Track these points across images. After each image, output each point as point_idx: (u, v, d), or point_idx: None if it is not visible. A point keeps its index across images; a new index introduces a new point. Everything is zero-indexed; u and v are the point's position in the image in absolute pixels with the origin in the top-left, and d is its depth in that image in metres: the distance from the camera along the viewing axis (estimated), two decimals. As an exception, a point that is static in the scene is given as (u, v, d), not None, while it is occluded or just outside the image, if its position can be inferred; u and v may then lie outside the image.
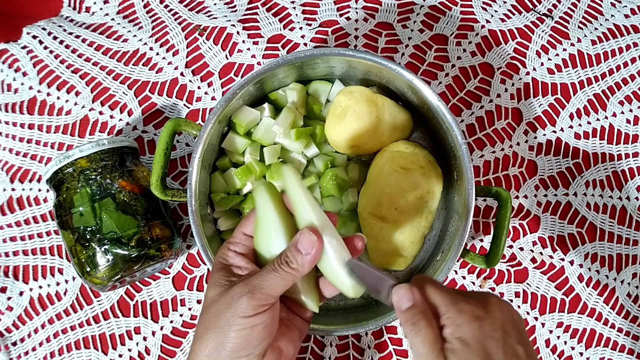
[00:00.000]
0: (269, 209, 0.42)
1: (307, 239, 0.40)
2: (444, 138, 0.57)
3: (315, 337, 0.64)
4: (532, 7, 0.69)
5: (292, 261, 0.40)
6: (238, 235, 0.45)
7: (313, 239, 0.40)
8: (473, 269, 0.65)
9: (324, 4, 0.69)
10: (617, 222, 0.66)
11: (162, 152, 0.53)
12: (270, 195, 0.42)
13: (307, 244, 0.40)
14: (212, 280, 0.42)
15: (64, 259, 0.64)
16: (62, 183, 0.55)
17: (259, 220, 0.43)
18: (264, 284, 0.40)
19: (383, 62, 0.53)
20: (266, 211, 0.42)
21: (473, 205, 0.52)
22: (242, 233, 0.45)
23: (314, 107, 0.61)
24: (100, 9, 0.69)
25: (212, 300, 0.41)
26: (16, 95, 0.66)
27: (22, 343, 0.63)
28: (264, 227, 0.42)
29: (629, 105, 0.67)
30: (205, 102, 0.67)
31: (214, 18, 0.68)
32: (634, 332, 0.65)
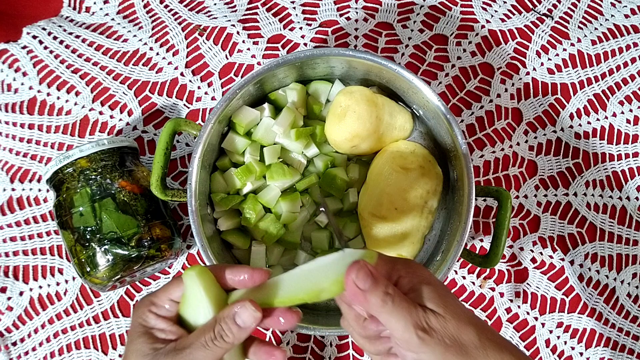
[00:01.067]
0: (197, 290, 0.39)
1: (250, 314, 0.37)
2: (444, 138, 0.57)
3: (315, 337, 0.64)
4: (532, 7, 0.69)
5: (227, 335, 0.37)
6: (164, 299, 0.40)
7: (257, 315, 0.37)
8: (473, 269, 0.65)
9: (324, 4, 0.69)
10: (617, 222, 0.66)
11: (162, 152, 0.53)
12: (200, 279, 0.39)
13: (249, 319, 0.37)
14: (134, 348, 0.38)
15: (64, 259, 0.64)
16: (62, 183, 0.55)
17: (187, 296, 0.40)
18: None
19: (383, 62, 0.53)
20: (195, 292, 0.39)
21: (473, 205, 0.52)
22: (168, 299, 0.40)
23: (314, 107, 0.61)
24: (100, 9, 0.69)
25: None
26: (16, 95, 0.66)
27: (22, 343, 0.63)
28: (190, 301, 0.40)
29: (629, 105, 0.67)
30: (205, 102, 0.67)
31: (214, 18, 0.68)
32: (634, 332, 0.65)
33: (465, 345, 0.36)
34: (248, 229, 0.60)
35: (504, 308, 0.65)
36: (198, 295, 0.39)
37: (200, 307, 0.39)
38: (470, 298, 0.65)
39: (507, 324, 0.65)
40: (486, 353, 0.36)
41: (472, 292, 0.65)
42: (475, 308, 0.65)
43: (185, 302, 0.40)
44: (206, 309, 0.39)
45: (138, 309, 0.40)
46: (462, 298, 0.65)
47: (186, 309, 0.40)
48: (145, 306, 0.40)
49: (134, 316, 0.40)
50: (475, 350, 0.36)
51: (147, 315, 0.40)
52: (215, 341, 0.37)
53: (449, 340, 0.35)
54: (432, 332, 0.35)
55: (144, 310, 0.40)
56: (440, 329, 0.35)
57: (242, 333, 0.38)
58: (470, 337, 0.36)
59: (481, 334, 0.37)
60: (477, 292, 0.65)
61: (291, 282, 0.39)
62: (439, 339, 0.35)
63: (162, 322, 0.40)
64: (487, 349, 0.36)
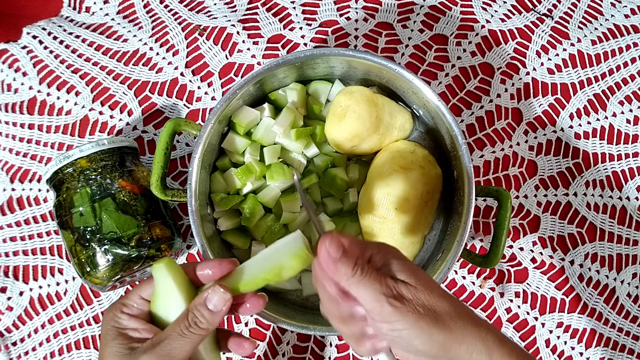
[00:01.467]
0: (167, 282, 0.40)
1: (220, 296, 0.39)
2: (444, 138, 0.57)
3: (315, 337, 0.64)
4: (532, 7, 0.69)
5: (201, 321, 0.38)
6: (134, 299, 0.41)
7: (226, 297, 0.39)
8: (473, 269, 0.65)
9: (324, 4, 0.69)
10: (617, 222, 0.66)
11: (162, 152, 0.53)
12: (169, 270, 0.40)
13: (219, 302, 0.38)
14: (110, 351, 0.39)
15: (64, 259, 0.64)
16: (62, 183, 0.55)
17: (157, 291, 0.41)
18: (174, 351, 0.38)
19: (383, 62, 0.53)
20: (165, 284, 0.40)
21: (473, 205, 0.52)
22: (139, 297, 0.41)
23: (314, 107, 0.61)
24: (100, 9, 0.69)
25: None
26: (16, 95, 0.66)
27: (22, 343, 0.63)
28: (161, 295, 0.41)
29: (629, 105, 0.67)
30: (205, 102, 0.67)
31: (214, 18, 0.68)
32: (634, 332, 0.65)
33: (440, 315, 0.36)
34: (248, 229, 0.60)
35: (504, 308, 0.65)
36: (168, 287, 0.40)
37: (172, 299, 0.40)
38: (470, 298, 0.65)
39: (507, 324, 0.65)
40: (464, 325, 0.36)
41: (472, 292, 0.65)
42: (475, 308, 0.65)
43: (156, 297, 0.41)
44: (178, 301, 0.40)
45: (109, 312, 0.41)
46: (462, 298, 0.65)
47: (158, 304, 0.41)
48: (116, 309, 0.41)
49: (105, 320, 0.41)
50: (452, 321, 0.36)
51: (119, 317, 0.40)
52: (191, 328, 0.38)
53: (422, 308, 0.36)
54: (403, 300, 0.36)
55: (115, 312, 0.41)
56: (412, 297, 0.36)
57: (215, 317, 0.39)
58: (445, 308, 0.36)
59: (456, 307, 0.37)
60: (477, 292, 0.65)
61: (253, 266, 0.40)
62: (412, 307, 0.35)
63: (135, 322, 0.40)
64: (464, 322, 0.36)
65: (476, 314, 0.38)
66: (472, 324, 0.37)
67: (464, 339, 0.36)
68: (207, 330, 0.39)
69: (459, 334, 0.36)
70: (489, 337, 0.36)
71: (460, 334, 0.36)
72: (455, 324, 0.36)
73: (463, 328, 0.36)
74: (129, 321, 0.40)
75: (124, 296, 0.42)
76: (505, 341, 0.37)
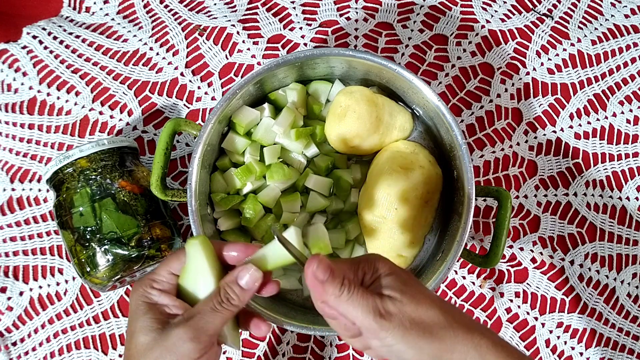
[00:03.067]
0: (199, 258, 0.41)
1: (253, 274, 0.40)
2: (444, 138, 0.57)
3: (315, 337, 0.64)
4: (532, 7, 0.69)
5: (233, 297, 0.40)
6: (163, 274, 0.42)
7: (258, 275, 0.40)
8: (473, 269, 0.65)
9: (324, 4, 0.69)
10: (617, 222, 0.66)
11: (162, 152, 0.53)
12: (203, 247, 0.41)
13: (251, 279, 0.40)
14: (141, 325, 0.39)
15: (64, 259, 0.64)
16: (62, 183, 0.55)
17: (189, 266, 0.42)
18: (207, 325, 0.39)
19: (383, 62, 0.53)
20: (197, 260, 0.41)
21: (473, 205, 0.52)
22: (168, 272, 0.42)
23: (314, 107, 0.61)
24: (100, 9, 0.69)
25: (147, 347, 0.38)
26: (16, 95, 0.66)
27: (22, 343, 0.63)
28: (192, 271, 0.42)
29: (629, 105, 0.67)
30: (205, 102, 0.67)
31: (214, 18, 0.68)
32: (634, 332, 0.65)
33: (429, 326, 0.36)
34: (248, 229, 0.60)
35: (504, 308, 0.65)
36: (200, 264, 0.41)
37: (202, 275, 0.41)
38: (470, 298, 0.65)
39: (507, 324, 0.65)
40: (455, 333, 0.37)
41: (472, 292, 0.65)
42: (475, 308, 0.65)
43: (186, 272, 0.42)
44: (207, 278, 0.41)
45: (138, 287, 0.42)
46: (462, 298, 0.65)
47: (187, 279, 0.42)
48: (146, 284, 0.42)
49: (134, 295, 0.41)
50: (441, 331, 0.36)
51: (150, 292, 0.41)
52: (223, 304, 0.39)
53: (409, 322, 0.36)
54: (389, 316, 0.36)
55: (145, 288, 0.41)
56: (397, 312, 0.36)
57: (246, 295, 0.40)
58: (433, 318, 0.37)
59: (447, 315, 0.37)
60: (477, 292, 0.65)
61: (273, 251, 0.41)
62: (398, 322, 0.36)
63: (165, 297, 0.41)
64: (455, 330, 0.37)
65: (470, 320, 0.39)
66: (464, 331, 0.37)
67: (455, 347, 0.36)
68: (237, 307, 0.40)
69: (450, 343, 0.36)
70: (482, 343, 0.37)
71: (451, 342, 0.36)
72: (445, 333, 0.36)
73: (454, 337, 0.36)
74: (160, 296, 0.41)
75: (153, 271, 0.43)
76: (501, 345, 0.37)
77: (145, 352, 0.38)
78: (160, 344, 0.38)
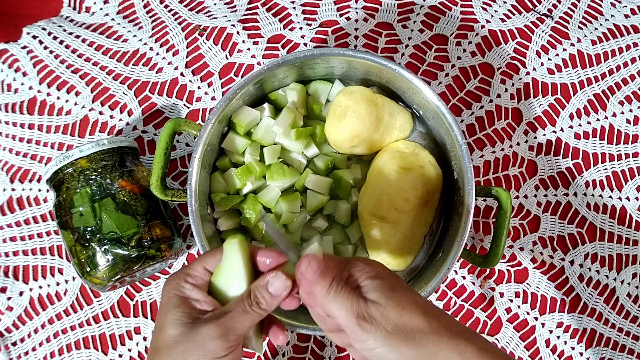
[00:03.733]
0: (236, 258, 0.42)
1: (282, 283, 0.40)
2: (444, 138, 0.57)
3: (315, 337, 0.64)
4: (532, 7, 0.69)
5: (261, 302, 0.40)
6: (198, 269, 0.43)
7: (287, 283, 0.40)
8: (473, 269, 0.65)
9: (324, 4, 0.69)
10: (617, 222, 0.66)
11: (162, 152, 0.53)
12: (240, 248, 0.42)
13: (280, 287, 0.40)
14: (171, 318, 0.40)
15: (64, 259, 0.64)
16: (62, 183, 0.55)
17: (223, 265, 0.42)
18: (237, 325, 0.39)
19: (383, 62, 0.53)
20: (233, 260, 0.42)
21: (473, 205, 0.52)
22: (203, 267, 0.43)
23: (314, 107, 0.61)
24: (100, 9, 0.69)
25: (175, 340, 0.39)
26: (16, 95, 0.66)
27: (22, 343, 0.63)
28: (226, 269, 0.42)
29: (629, 105, 0.67)
30: (205, 102, 0.67)
31: (214, 18, 0.68)
32: (634, 332, 0.65)
33: (411, 332, 0.37)
34: (248, 229, 0.60)
35: (504, 308, 0.65)
36: (235, 264, 0.42)
37: (235, 276, 0.42)
38: (470, 298, 0.65)
39: (507, 324, 0.65)
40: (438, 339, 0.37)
41: (472, 292, 0.65)
42: (475, 308, 0.65)
43: (220, 270, 0.42)
44: (240, 279, 0.41)
45: (172, 280, 0.42)
46: (462, 298, 0.65)
47: (220, 277, 0.42)
48: (180, 278, 0.42)
49: (167, 288, 0.42)
50: (424, 337, 0.37)
51: (183, 286, 0.42)
52: (253, 307, 0.40)
53: (391, 327, 0.37)
54: (372, 320, 0.37)
55: (179, 281, 0.42)
56: (379, 317, 0.37)
57: (274, 301, 0.41)
58: (417, 323, 0.37)
59: (431, 321, 0.37)
60: (477, 292, 0.65)
61: None
62: (380, 327, 0.37)
63: (198, 293, 0.41)
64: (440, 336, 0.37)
65: (458, 326, 0.39)
66: (449, 337, 0.37)
67: (438, 353, 0.36)
68: (265, 311, 0.41)
69: (432, 349, 0.36)
70: (467, 349, 0.37)
71: (434, 348, 0.36)
72: (428, 339, 0.36)
73: (437, 342, 0.36)
74: (192, 291, 0.41)
75: (188, 266, 0.43)
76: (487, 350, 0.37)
77: (173, 345, 0.39)
78: (189, 338, 0.39)
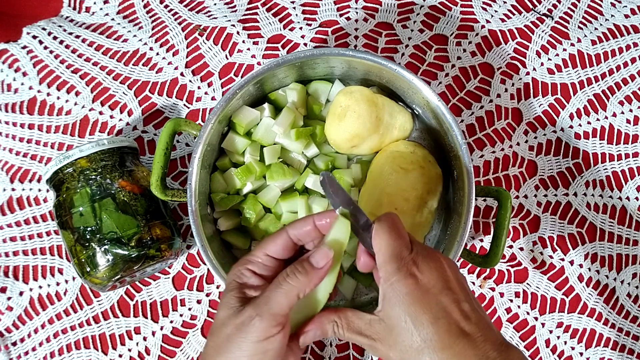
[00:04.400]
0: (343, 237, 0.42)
1: (324, 252, 0.41)
2: (444, 138, 0.57)
3: (315, 337, 0.64)
4: (532, 7, 0.69)
5: (300, 271, 0.40)
6: (259, 255, 0.43)
7: (330, 253, 0.40)
8: (473, 269, 0.65)
9: (324, 4, 0.69)
10: (617, 222, 0.66)
11: (162, 152, 0.53)
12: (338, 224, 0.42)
13: (321, 257, 0.40)
14: (224, 301, 0.41)
15: (64, 259, 0.64)
16: (62, 183, 0.55)
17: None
18: (271, 302, 0.39)
19: (383, 62, 0.53)
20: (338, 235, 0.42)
21: (473, 205, 0.52)
22: (264, 253, 0.42)
23: (314, 107, 0.61)
24: (100, 9, 0.69)
25: (222, 323, 0.40)
26: (16, 95, 0.66)
27: (22, 343, 0.63)
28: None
29: (629, 105, 0.67)
30: (205, 102, 0.67)
31: (214, 18, 0.68)
32: (634, 332, 0.65)
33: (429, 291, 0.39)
34: (248, 229, 0.60)
35: (504, 308, 0.65)
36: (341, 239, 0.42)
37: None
38: (470, 298, 0.65)
39: (507, 324, 0.65)
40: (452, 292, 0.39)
41: (472, 292, 0.65)
42: (475, 308, 0.65)
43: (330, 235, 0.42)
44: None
45: (235, 267, 0.43)
46: (462, 298, 0.65)
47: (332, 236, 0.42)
48: (241, 264, 0.43)
49: (230, 274, 0.43)
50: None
51: (242, 272, 0.42)
52: (288, 278, 0.40)
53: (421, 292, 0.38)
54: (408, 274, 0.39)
55: (240, 268, 0.42)
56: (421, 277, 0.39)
57: (314, 273, 0.40)
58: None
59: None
60: (477, 292, 0.65)
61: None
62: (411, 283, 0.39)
63: (255, 279, 0.42)
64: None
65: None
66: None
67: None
68: (303, 285, 0.40)
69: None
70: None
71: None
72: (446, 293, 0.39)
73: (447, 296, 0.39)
74: (251, 278, 0.42)
75: (249, 253, 0.43)
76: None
77: (221, 327, 0.40)
78: (233, 321, 0.39)
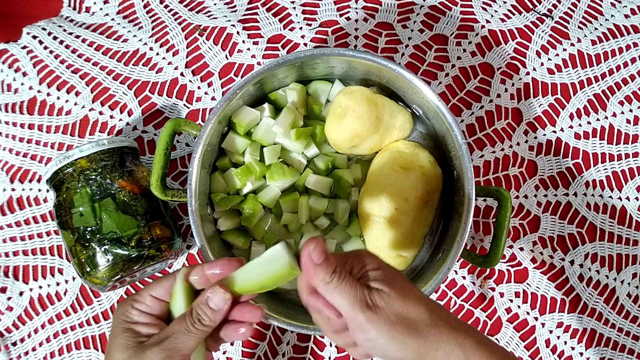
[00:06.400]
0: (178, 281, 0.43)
1: (220, 296, 0.40)
2: (444, 138, 0.57)
3: (315, 337, 0.64)
4: (532, 7, 0.69)
5: (204, 319, 0.40)
6: (145, 295, 0.43)
7: (226, 296, 0.40)
8: (473, 269, 0.65)
9: (324, 4, 0.69)
10: (617, 222, 0.66)
11: (162, 152, 0.53)
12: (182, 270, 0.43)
13: (219, 301, 0.40)
14: (118, 342, 0.41)
15: (64, 259, 0.64)
16: (62, 183, 0.55)
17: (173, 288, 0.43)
18: (180, 346, 0.40)
19: (383, 62, 0.53)
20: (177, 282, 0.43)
21: (473, 205, 0.52)
22: (149, 294, 0.43)
23: (314, 107, 0.61)
24: (100, 9, 0.69)
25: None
26: (16, 95, 0.66)
27: (22, 343, 0.63)
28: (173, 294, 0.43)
29: (629, 105, 0.67)
30: (205, 102, 0.67)
31: (214, 18, 0.68)
32: (634, 332, 0.65)
33: (414, 323, 0.36)
34: (248, 229, 0.60)
35: (504, 308, 0.65)
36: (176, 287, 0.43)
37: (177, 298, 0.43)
38: (470, 298, 0.65)
39: (507, 324, 0.65)
40: (439, 331, 0.37)
41: (472, 292, 0.65)
42: (475, 308, 0.65)
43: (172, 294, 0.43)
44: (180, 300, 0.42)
45: (120, 307, 0.43)
46: (462, 298, 0.65)
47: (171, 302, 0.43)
48: (127, 304, 0.43)
49: (116, 314, 0.43)
50: (426, 328, 0.37)
51: (130, 311, 0.42)
52: (196, 325, 0.40)
53: (395, 317, 0.36)
54: (376, 308, 0.36)
55: (126, 307, 0.43)
56: (384, 305, 0.37)
57: (217, 315, 0.41)
58: (419, 315, 0.37)
59: (433, 314, 0.37)
60: (477, 292, 0.65)
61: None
62: (384, 316, 0.36)
63: (144, 317, 0.42)
64: (440, 328, 0.37)
65: (456, 319, 0.39)
66: (449, 329, 0.37)
67: (440, 345, 0.36)
68: (210, 327, 0.41)
69: (434, 341, 0.36)
70: (466, 342, 0.37)
71: (436, 340, 0.36)
72: (430, 331, 0.37)
73: (438, 334, 0.37)
74: (140, 316, 0.42)
75: (136, 293, 0.43)
76: (484, 344, 0.38)
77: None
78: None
